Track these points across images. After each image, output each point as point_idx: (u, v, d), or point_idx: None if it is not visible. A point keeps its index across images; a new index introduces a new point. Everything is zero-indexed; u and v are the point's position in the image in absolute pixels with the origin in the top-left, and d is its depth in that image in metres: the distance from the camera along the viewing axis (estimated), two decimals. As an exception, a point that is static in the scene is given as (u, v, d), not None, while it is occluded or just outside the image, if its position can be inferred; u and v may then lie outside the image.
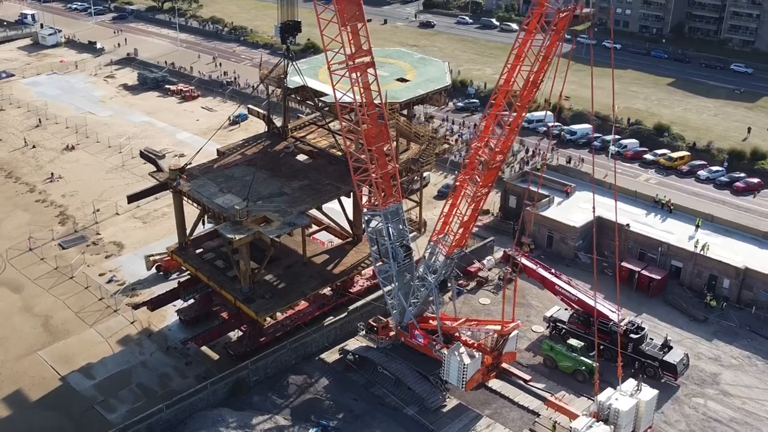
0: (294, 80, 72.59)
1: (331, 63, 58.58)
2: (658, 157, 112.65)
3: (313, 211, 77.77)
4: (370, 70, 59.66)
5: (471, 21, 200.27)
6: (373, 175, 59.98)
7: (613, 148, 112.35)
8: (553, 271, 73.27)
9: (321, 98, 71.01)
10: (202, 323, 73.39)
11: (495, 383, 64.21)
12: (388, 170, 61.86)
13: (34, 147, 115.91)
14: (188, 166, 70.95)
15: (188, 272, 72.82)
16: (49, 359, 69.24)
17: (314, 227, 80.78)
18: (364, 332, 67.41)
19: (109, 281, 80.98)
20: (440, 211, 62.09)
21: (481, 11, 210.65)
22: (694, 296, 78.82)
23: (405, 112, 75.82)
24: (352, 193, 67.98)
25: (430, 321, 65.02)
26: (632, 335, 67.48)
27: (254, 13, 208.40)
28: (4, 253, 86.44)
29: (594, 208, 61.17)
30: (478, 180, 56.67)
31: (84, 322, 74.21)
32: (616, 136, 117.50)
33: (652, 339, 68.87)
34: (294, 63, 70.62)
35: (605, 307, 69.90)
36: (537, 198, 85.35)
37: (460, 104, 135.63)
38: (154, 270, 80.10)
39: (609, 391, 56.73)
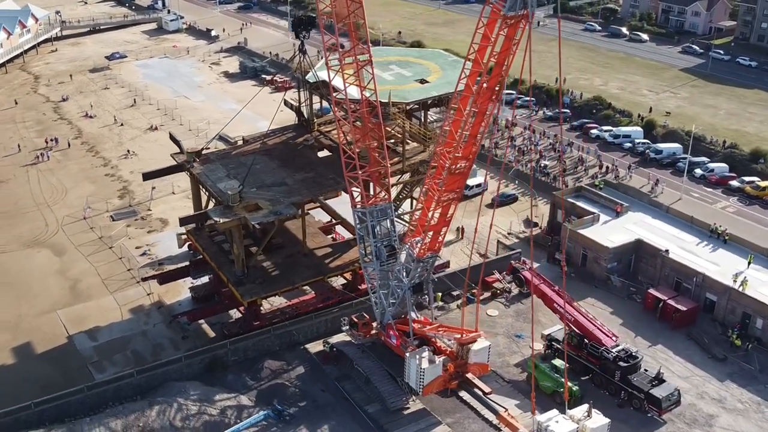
0: (320, 74, 76.71)
1: (329, 58, 62.77)
2: (745, 185, 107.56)
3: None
4: (368, 68, 63.04)
5: (599, 28, 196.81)
6: (360, 171, 63.06)
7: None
8: (556, 288, 73.23)
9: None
10: (212, 302, 79.07)
11: (466, 394, 65.51)
12: (378, 169, 64.82)
13: (122, 125, 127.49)
14: (206, 151, 76.97)
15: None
16: (64, 318, 77.55)
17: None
18: (347, 327, 70.52)
19: (143, 254, 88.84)
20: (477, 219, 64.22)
21: (614, 19, 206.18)
22: (722, 333, 75.98)
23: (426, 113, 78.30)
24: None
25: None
26: (621, 363, 66.52)
27: (379, 9, 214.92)
28: (61, 219, 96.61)
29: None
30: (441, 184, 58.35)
31: (107, 289, 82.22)
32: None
33: (647, 370, 67.53)
34: (307, 57, 74.80)
35: (601, 332, 69.37)
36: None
37: (549, 113, 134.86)
38: (186, 248, 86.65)
39: (553, 412, 56.90)
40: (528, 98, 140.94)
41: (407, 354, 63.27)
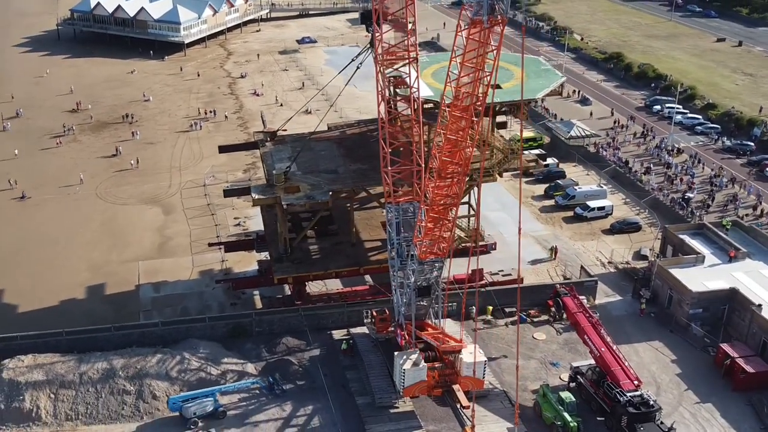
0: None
1: (378, 55, 68.49)
2: None
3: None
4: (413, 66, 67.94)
5: None
6: (389, 168, 67.65)
7: None
8: (595, 319, 72.43)
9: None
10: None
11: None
12: (411, 168, 68.90)
13: (281, 105, 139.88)
14: (281, 132, 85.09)
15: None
16: (142, 270, 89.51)
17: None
18: (369, 320, 74.99)
19: (237, 224, 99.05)
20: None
21: None
22: (791, 406, 70.83)
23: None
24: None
25: (427, 327, 70.39)
26: (630, 408, 64.96)
27: (599, 16, 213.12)
28: (184, 183, 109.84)
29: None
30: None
31: (189, 251, 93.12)
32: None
33: (662, 423, 65.32)
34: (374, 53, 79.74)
35: (625, 373, 67.92)
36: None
37: (728, 143, 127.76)
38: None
39: (506, 438, 57.86)
40: (712, 125, 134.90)
41: (395, 353, 66.74)
